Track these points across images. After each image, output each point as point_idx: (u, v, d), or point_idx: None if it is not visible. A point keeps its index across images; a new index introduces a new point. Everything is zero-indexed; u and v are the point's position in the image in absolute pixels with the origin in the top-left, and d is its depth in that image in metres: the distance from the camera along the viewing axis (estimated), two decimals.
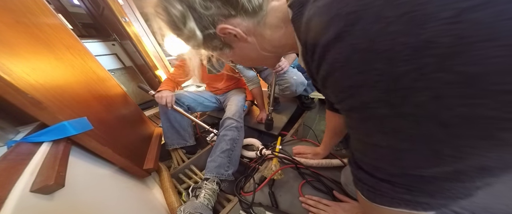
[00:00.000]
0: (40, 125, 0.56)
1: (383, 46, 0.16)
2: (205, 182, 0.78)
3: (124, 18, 1.64)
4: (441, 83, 0.15)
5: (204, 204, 0.69)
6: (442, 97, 0.15)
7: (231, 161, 0.90)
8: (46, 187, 0.39)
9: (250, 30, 0.33)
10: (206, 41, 0.34)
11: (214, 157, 0.88)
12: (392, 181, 0.24)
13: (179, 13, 0.30)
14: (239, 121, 1.04)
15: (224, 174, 0.84)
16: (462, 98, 0.15)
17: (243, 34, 0.33)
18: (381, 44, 0.16)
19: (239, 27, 0.32)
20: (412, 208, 0.24)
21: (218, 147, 0.92)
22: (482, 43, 0.13)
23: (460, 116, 0.16)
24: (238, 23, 0.32)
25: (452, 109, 0.16)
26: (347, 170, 0.61)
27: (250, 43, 0.35)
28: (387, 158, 0.23)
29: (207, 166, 0.86)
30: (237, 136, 0.97)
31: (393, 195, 0.25)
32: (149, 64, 1.93)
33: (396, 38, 0.16)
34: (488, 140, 0.16)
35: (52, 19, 0.70)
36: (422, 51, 0.15)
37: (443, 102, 0.16)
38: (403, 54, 0.16)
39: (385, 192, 0.25)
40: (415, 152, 0.20)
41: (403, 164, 0.22)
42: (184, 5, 0.30)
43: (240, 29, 0.32)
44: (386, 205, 0.26)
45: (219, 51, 0.37)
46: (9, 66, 0.41)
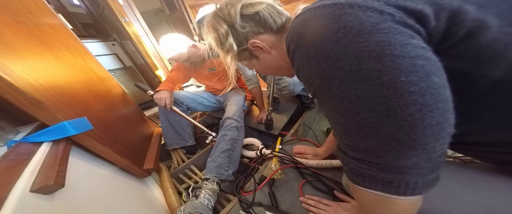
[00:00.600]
0: (40, 125, 0.56)
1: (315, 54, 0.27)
2: (205, 182, 0.78)
3: (124, 18, 1.65)
4: (339, 75, 0.25)
5: (204, 204, 0.69)
6: (343, 83, 0.25)
7: (231, 161, 0.90)
8: (46, 187, 0.39)
9: (274, 44, 0.43)
10: (239, 53, 0.45)
11: (214, 157, 0.88)
12: (355, 156, 0.29)
13: (222, 33, 0.42)
14: (239, 120, 1.04)
15: (224, 174, 0.84)
16: (351, 84, 0.25)
17: (268, 47, 0.43)
18: (313, 52, 0.28)
19: (265, 42, 0.42)
20: (381, 188, 0.27)
21: (218, 147, 0.91)
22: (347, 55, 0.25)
23: (355, 95, 0.25)
24: (265, 39, 0.43)
25: (350, 90, 0.25)
26: None
27: (272, 55, 0.45)
28: (342, 132, 0.29)
29: (207, 166, 0.86)
30: (237, 136, 0.97)
31: (361, 172, 0.28)
32: (149, 64, 1.94)
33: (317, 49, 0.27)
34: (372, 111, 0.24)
35: (52, 19, 0.70)
36: (327, 57, 0.26)
37: (344, 86, 0.25)
38: (321, 58, 0.27)
39: (355, 169, 0.29)
40: (350, 124, 0.27)
41: (351, 137, 0.28)
42: (228, 25, 0.42)
43: (266, 44, 0.43)
44: (361, 186, 0.29)
45: (247, 61, 0.48)
46: (9, 66, 0.41)
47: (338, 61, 0.25)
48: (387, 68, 0.22)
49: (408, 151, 0.23)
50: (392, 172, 0.25)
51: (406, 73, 0.22)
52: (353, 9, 0.25)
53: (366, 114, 0.24)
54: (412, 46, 0.22)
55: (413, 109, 0.22)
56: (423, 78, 0.22)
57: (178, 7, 2.25)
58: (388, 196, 0.27)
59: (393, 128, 0.23)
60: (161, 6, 2.67)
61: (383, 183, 0.26)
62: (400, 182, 0.25)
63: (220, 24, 0.42)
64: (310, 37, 0.28)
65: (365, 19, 0.24)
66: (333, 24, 0.25)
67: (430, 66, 0.22)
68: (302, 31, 0.30)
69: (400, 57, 0.22)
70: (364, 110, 0.24)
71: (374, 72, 0.23)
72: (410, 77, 0.22)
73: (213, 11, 0.44)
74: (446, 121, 0.23)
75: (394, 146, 0.24)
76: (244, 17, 0.41)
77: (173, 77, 1.19)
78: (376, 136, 0.25)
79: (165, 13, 2.75)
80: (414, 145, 0.23)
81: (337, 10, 0.26)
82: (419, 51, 0.22)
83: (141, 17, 1.81)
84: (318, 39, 0.27)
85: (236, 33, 0.42)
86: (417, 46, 0.23)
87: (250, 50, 0.44)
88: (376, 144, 0.25)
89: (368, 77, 0.23)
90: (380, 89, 0.23)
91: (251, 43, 0.42)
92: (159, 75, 1.97)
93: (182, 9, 2.22)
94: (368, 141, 0.25)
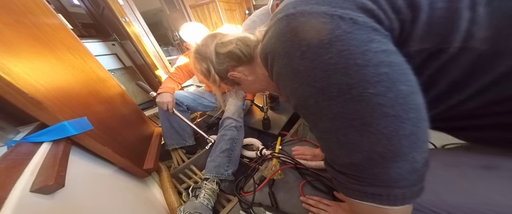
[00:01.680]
0: (40, 125, 0.56)
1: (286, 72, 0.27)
2: (205, 182, 0.78)
3: (124, 18, 1.64)
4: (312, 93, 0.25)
5: (204, 204, 0.69)
6: (318, 101, 0.25)
7: (230, 160, 0.89)
8: (46, 187, 0.39)
9: (250, 72, 0.49)
10: (224, 82, 0.52)
11: (213, 156, 0.88)
12: (343, 171, 0.28)
13: (205, 68, 0.50)
14: (239, 120, 1.04)
15: (223, 174, 0.84)
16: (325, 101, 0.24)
17: (244, 76, 0.49)
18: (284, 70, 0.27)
19: (242, 72, 0.49)
20: (372, 200, 0.27)
21: (217, 147, 0.91)
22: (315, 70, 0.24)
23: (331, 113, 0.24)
24: (241, 70, 0.49)
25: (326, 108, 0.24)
26: None
27: (251, 81, 0.50)
28: (325, 147, 0.29)
29: (207, 166, 0.86)
30: (237, 136, 0.97)
31: (350, 186, 0.28)
32: (149, 64, 1.93)
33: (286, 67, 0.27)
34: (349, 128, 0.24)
35: (52, 19, 0.70)
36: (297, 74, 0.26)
37: (320, 104, 0.25)
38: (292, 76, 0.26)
39: (343, 183, 0.29)
40: (332, 141, 0.26)
41: (336, 153, 0.27)
42: (208, 62, 0.49)
43: (243, 73, 0.49)
44: (351, 197, 0.29)
45: (232, 87, 0.55)
46: (9, 66, 0.41)
47: (308, 78, 0.24)
48: (355, 81, 0.21)
49: (391, 164, 0.23)
50: (379, 185, 0.25)
51: (373, 84, 0.21)
52: (305, 18, 0.23)
53: (345, 130, 0.24)
54: (372, 52, 0.21)
55: (386, 121, 0.21)
56: (390, 88, 0.21)
57: (178, 7, 2.25)
58: (380, 206, 0.27)
59: (372, 142, 0.23)
60: (161, 6, 2.67)
61: (373, 196, 0.26)
62: (389, 194, 0.25)
63: (201, 63, 0.50)
64: (278, 55, 0.27)
65: (320, 26, 0.22)
66: (293, 37, 0.24)
67: (394, 72, 0.21)
68: (270, 50, 0.29)
69: (364, 67, 0.21)
70: (343, 126, 0.24)
71: (344, 87, 0.22)
72: (377, 88, 0.21)
73: (194, 49, 0.51)
74: (419, 130, 0.22)
75: (377, 160, 0.23)
76: (220, 55, 0.47)
77: (177, 75, 1.17)
78: (359, 151, 0.24)
79: (165, 13, 2.75)
80: (394, 157, 0.23)
81: (292, 22, 0.24)
82: (380, 56, 0.21)
83: (141, 17, 1.80)
84: (285, 56, 0.26)
85: (217, 68, 0.49)
86: (377, 51, 0.21)
87: (231, 80, 0.51)
88: (360, 159, 0.24)
89: (339, 92, 0.22)
90: (353, 104, 0.22)
91: (230, 75, 0.49)
92: (159, 75, 1.97)
93: (182, 9, 2.22)
94: (352, 156, 0.25)
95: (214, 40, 0.48)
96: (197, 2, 2.19)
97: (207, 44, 0.48)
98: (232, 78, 0.50)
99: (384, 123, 0.21)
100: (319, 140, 0.30)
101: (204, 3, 2.14)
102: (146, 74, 2.23)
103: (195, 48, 0.51)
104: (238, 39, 0.47)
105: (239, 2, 2.44)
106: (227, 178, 0.85)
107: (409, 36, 0.25)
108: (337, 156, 0.27)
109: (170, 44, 3.35)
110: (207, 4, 2.14)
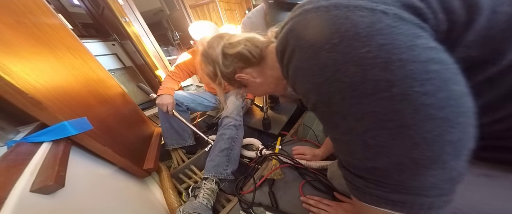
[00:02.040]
0: (40, 125, 0.56)
1: (309, 66, 0.25)
2: (204, 182, 0.78)
3: (124, 18, 1.64)
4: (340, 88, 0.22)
5: (203, 204, 0.69)
6: (346, 98, 0.22)
7: (230, 160, 0.89)
8: (46, 187, 0.39)
9: (258, 74, 0.48)
10: (230, 84, 0.52)
11: (212, 156, 0.88)
12: (362, 175, 0.26)
13: (211, 71, 0.49)
14: (238, 119, 1.03)
15: (223, 173, 0.84)
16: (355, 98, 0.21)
17: (252, 78, 0.48)
18: (306, 64, 0.25)
19: (249, 74, 0.47)
20: (392, 207, 0.24)
21: (216, 146, 0.91)
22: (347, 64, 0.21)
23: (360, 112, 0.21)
24: (249, 72, 0.47)
25: (355, 106, 0.22)
26: (332, 166, 0.61)
27: (258, 83, 0.49)
28: (345, 151, 0.27)
29: (206, 166, 0.86)
30: (236, 135, 0.97)
31: (368, 191, 0.26)
32: (149, 64, 1.93)
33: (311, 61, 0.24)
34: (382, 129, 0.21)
35: (52, 19, 0.70)
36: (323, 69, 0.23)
37: (347, 102, 0.22)
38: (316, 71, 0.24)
39: (361, 187, 0.26)
40: (355, 143, 0.24)
41: (357, 156, 0.25)
42: (215, 65, 0.47)
43: (251, 75, 0.47)
44: (368, 203, 0.27)
45: (239, 89, 0.54)
46: (9, 66, 0.41)
47: (337, 72, 0.22)
48: (397, 77, 0.19)
49: (425, 171, 0.21)
50: (405, 193, 0.23)
51: (420, 81, 0.18)
52: (340, 10, 0.22)
53: (376, 132, 0.21)
54: (421, 47, 0.19)
55: (431, 124, 0.19)
56: (441, 87, 0.18)
57: (178, 7, 2.25)
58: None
59: (407, 147, 0.20)
60: (161, 6, 2.67)
61: (394, 203, 0.24)
62: (414, 203, 0.22)
63: (207, 65, 0.48)
64: (300, 48, 0.25)
65: (358, 20, 0.20)
66: (324, 29, 0.22)
67: (446, 71, 0.19)
68: (290, 43, 0.27)
69: (410, 62, 0.18)
70: (373, 127, 0.21)
71: (382, 83, 0.19)
72: (425, 86, 0.18)
73: (201, 51, 0.49)
74: (468, 137, 0.20)
75: (408, 166, 0.21)
76: (227, 56, 0.46)
77: (176, 75, 1.16)
78: (387, 155, 0.22)
79: (165, 13, 2.75)
80: (431, 164, 0.20)
81: (323, 14, 0.23)
82: (429, 53, 0.19)
83: (141, 17, 1.80)
84: (310, 49, 0.24)
85: (222, 71, 0.47)
86: (425, 47, 0.19)
87: (238, 81, 0.49)
88: (385, 163, 0.22)
89: (375, 89, 0.20)
90: (391, 103, 0.19)
91: (237, 77, 0.48)
92: (159, 75, 1.97)
93: (182, 9, 2.22)
94: (378, 160, 0.23)
95: (221, 41, 0.46)
96: (197, 2, 2.19)
97: (213, 46, 0.46)
98: (239, 80, 0.48)
99: (429, 126, 0.19)
100: (337, 142, 0.27)
101: (204, 3, 2.14)
102: (146, 74, 2.23)
103: (201, 51, 0.49)
104: (246, 40, 0.45)
105: (239, 2, 2.44)
106: (227, 178, 0.85)
107: (457, 40, 0.22)
108: (359, 159, 0.25)
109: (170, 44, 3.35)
110: (207, 4, 2.14)
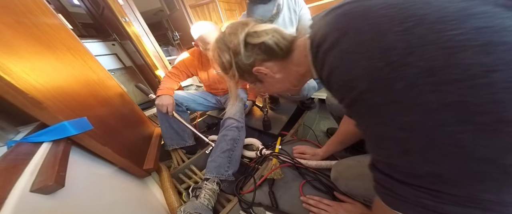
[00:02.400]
0: (40, 125, 0.56)
1: (365, 49, 0.22)
2: (205, 182, 0.78)
3: (124, 18, 1.64)
4: (409, 74, 0.19)
5: (204, 205, 0.69)
6: (415, 85, 0.19)
7: (231, 161, 0.89)
8: (46, 187, 0.39)
9: (280, 69, 0.42)
10: (242, 78, 0.45)
11: (214, 157, 0.88)
12: (411, 182, 0.22)
13: (227, 60, 0.41)
14: (240, 120, 1.03)
15: (224, 174, 0.84)
16: (431, 85, 0.18)
17: (271, 73, 0.42)
18: (362, 47, 0.22)
19: (270, 68, 0.41)
20: None
21: (218, 147, 0.91)
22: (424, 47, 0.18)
23: (436, 102, 0.18)
24: (270, 66, 0.41)
25: (427, 95, 0.18)
26: (337, 165, 0.61)
27: (277, 79, 0.43)
28: (395, 151, 0.22)
29: (207, 166, 0.86)
30: (238, 136, 0.97)
31: (416, 201, 0.22)
32: (149, 64, 1.93)
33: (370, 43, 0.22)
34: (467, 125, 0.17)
35: (52, 19, 0.70)
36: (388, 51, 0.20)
37: (417, 89, 0.19)
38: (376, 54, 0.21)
39: (406, 196, 0.22)
40: (416, 141, 0.20)
41: (412, 158, 0.21)
42: (231, 54, 0.40)
43: (271, 70, 0.41)
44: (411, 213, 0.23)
45: (253, 84, 0.48)
46: (9, 66, 0.41)
47: (409, 56, 0.18)
48: (500, 61, 0.15)
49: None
50: (473, 206, 0.19)
51: None
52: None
53: (453, 128, 0.17)
54: None
55: None
56: None
57: (178, 7, 2.25)
58: None
59: (501, 149, 0.16)
60: (161, 6, 2.67)
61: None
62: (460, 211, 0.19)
63: (223, 53, 0.41)
64: (355, 31, 0.23)
65: (442, 5, 0.18)
66: (394, 13, 0.20)
67: None
68: (341, 26, 0.25)
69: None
70: (451, 122, 0.17)
71: (476, 68, 0.16)
72: None
73: (218, 38, 0.43)
74: None
75: (493, 175, 0.17)
76: (249, 46, 0.39)
77: (175, 75, 1.15)
78: (464, 158, 0.18)
79: (165, 13, 2.75)
80: None
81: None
82: None
83: (141, 17, 1.80)
84: (371, 31, 0.21)
85: (240, 62, 0.40)
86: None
87: (255, 75, 0.43)
88: (458, 169, 0.18)
89: (465, 75, 0.16)
90: (487, 92, 0.16)
91: (255, 70, 0.41)
92: (159, 75, 1.97)
93: (182, 9, 2.22)
94: (444, 164, 0.19)
95: (245, 28, 0.39)
96: (197, 2, 2.18)
97: (236, 33, 0.39)
98: (257, 74, 0.42)
99: None
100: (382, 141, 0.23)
101: (204, 3, 2.14)
102: (146, 74, 2.23)
103: (219, 36, 0.43)
104: (274, 30, 0.40)
105: (239, 2, 2.44)
106: (227, 178, 0.85)
107: None
108: (414, 162, 0.21)
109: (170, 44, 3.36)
110: (207, 4, 2.14)
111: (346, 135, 0.66)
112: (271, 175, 0.74)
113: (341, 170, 0.58)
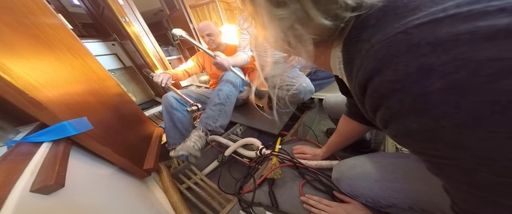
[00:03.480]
0: (40, 125, 0.56)
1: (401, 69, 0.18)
2: (193, 130, 0.91)
3: (124, 18, 1.64)
4: None
5: (191, 146, 0.89)
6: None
7: (221, 114, 0.98)
8: (46, 187, 0.39)
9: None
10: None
11: (206, 109, 0.97)
12: None
13: None
14: (237, 80, 1.07)
15: (211, 125, 0.95)
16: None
17: None
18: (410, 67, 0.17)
19: None
20: None
21: (212, 101, 0.99)
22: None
23: None
24: None
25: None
26: (339, 165, 0.61)
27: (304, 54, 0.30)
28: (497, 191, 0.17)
29: (200, 118, 0.96)
30: (231, 92, 1.02)
31: None
32: (149, 64, 1.93)
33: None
34: None
35: (52, 19, 0.70)
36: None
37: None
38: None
39: None
40: None
41: None
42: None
43: None
44: None
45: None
46: (9, 66, 0.41)
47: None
48: None
49: None
50: None
51: None
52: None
53: None
54: None
55: None
56: None
57: (178, 7, 2.25)
58: None
59: None
60: (161, 6, 2.67)
61: None
62: None
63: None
64: None
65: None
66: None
67: None
68: None
69: None
70: None
71: None
72: None
73: None
74: None
75: None
76: None
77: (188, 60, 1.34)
78: None
79: (165, 13, 2.75)
80: None
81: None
82: None
83: (141, 17, 1.80)
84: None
85: None
86: None
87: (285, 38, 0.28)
88: None
89: None
90: None
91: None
92: None
93: (182, 9, 2.22)
94: None
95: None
96: (197, 2, 2.18)
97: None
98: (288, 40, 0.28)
99: None
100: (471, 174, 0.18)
101: (204, 3, 2.14)
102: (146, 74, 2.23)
103: None
104: None
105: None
106: (215, 130, 0.96)
107: None
108: None
109: (170, 44, 3.36)
110: (207, 4, 2.14)
111: (346, 135, 0.66)
112: (271, 175, 0.74)
113: (344, 170, 0.58)
